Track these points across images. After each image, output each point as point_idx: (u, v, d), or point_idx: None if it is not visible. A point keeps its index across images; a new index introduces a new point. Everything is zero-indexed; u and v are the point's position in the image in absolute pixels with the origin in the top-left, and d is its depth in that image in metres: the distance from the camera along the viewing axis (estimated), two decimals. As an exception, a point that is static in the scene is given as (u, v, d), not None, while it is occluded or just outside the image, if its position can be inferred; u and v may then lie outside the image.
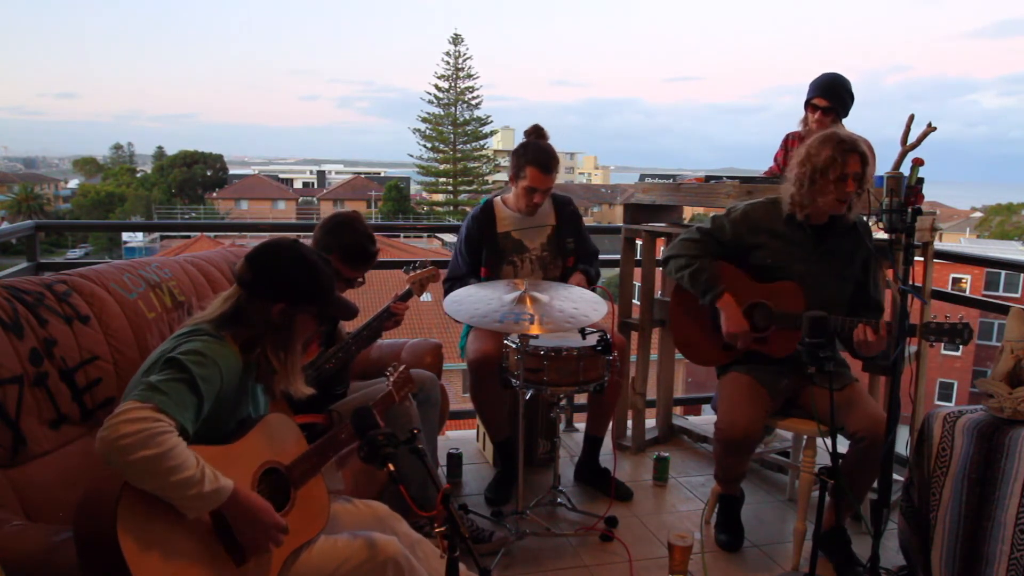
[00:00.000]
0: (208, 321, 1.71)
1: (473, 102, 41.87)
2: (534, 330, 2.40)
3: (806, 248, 2.59)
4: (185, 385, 1.54)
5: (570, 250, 3.17)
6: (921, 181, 2.20)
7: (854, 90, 3.30)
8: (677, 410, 3.97)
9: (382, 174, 69.52)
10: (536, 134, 3.07)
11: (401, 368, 2.05)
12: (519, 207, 3.08)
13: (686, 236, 2.75)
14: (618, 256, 3.69)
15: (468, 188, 41.83)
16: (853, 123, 3.22)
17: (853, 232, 2.61)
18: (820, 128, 3.24)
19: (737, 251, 2.68)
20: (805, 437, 2.65)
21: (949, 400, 23.89)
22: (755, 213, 2.67)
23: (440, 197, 44.02)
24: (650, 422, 3.79)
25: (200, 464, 1.47)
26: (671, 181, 3.52)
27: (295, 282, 1.75)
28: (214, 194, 51.48)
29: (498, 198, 3.19)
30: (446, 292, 3.06)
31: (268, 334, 1.72)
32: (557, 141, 3.08)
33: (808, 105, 3.35)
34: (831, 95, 3.26)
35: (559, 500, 2.91)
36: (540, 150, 2.99)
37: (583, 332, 2.65)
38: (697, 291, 2.65)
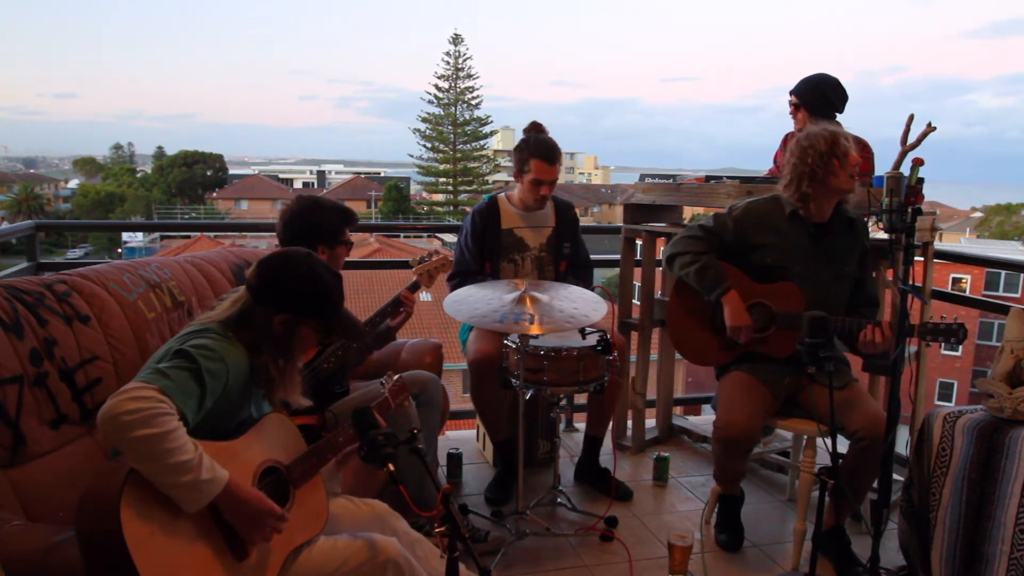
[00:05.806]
0: (216, 322, 1.73)
1: (473, 102, 41.89)
2: (534, 330, 2.41)
3: (806, 247, 2.60)
4: (191, 374, 1.56)
5: (565, 255, 3.18)
6: (921, 181, 2.21)
7: (852, 90, 3.35)
8: (677, 410, 3.97)
9: (382, 174, 69.51)
10: (535, 130, 3.11)
11: (396, 377, 2.07)
12: (526, 201, 3.09)
13: (688, 234, 2.73)
14: (618, 256, 3.69)
15: (468, 188, 41.81)
16: (850, 122, 3.25)
17: (851, 230, 2.63)
18: (801, 125, 3.30)
19: (739, 250, 2.67)
20: (805, 437, 2.65)
21: (949, 400, 23.89)
22: (757, 210, 2.67)
23: (440, 197, 44.00)
24: (650, 422, 3.79)
25: (199, 451, 1.48)
26: (671, 181, 3.52)
27: (299, 295, 1.76)
28: (214, 194, 51.47)
29: (502, 195, 3.21)
30: (452, 288, 3.05)
31: (269, 342, 1.74)
32: (557, 141, 3.10)
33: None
34: (799, 91, 3.33)
35: (559, 500, 2.91)
36: (542, 143, 3.02)
37: (583, 332, 2.65)
38: (703, 287, 2.64)
